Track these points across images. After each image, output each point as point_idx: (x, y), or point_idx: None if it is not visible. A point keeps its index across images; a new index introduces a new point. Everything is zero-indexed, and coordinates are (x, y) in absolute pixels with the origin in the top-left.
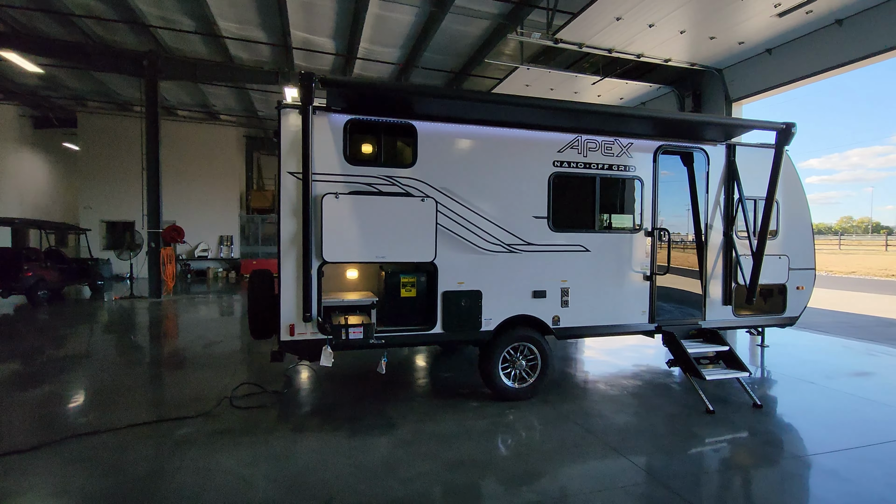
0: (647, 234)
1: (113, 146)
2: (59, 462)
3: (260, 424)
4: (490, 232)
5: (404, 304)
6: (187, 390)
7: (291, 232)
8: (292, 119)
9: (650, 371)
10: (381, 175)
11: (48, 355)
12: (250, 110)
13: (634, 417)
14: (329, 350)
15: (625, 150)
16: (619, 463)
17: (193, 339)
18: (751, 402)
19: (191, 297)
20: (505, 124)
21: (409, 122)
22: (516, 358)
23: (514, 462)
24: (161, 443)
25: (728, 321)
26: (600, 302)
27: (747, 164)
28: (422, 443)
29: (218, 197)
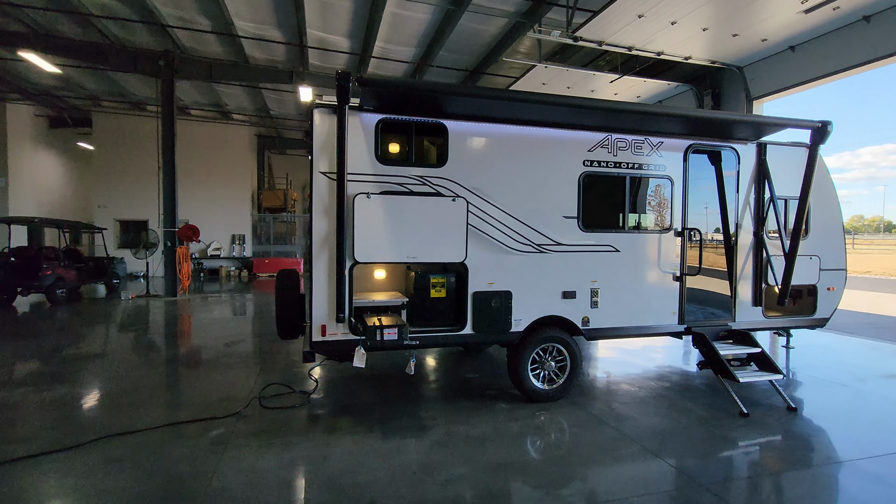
0: (676, 234)
1: (127, 145)
2: (99, 462)
3: (291, 425)
4: (520, 232)
5: (434, 305)
6: (214, 390)
7: (323, 232)
8: (325, 119)
9: (675, 372)
10: (412, 175)
11: (74, 354)
12: (263, 110)
13: (667, 420)
14: (362, 351)
15: (655, 149)
16: (658, 466)
17: (214, 338)
18: (784, 404)
19: (206, 295)
20: (536, 123)
21: (439, 121)
22: (545, 359)
23: (552, 466)
24: (196, 444)
25: (758, 322)
26: (630, 303)
27: (777, 162)
28: (456, 445)
29: (230, 196)
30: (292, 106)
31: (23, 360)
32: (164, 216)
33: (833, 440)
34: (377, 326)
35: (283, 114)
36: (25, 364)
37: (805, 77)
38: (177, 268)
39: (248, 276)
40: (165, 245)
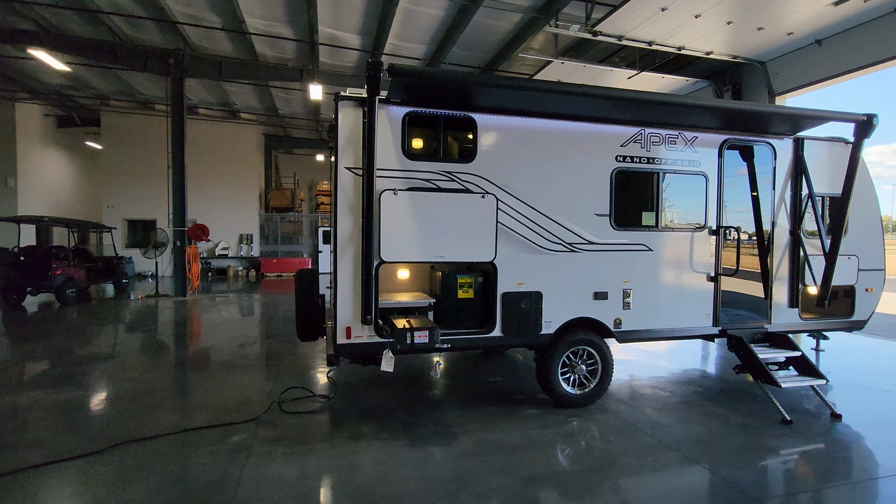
0: (711, 233)
1: (135, 145)
2: (117, 470)
3: (314, 431)
4: (551, 230)
5: (462, 306)
6: (231, 393)
7: (348, 230)
8: (350, 112)
9: (701, 375)
10: (439, 170)
11: (86, 356)
12: (271, 109)
13: (704, 427)
14: (391, 355)
15: (689, 144)
16: (704, 477)
17: (226, 339)
18: (827, 411)
19: (215, 295)
20: (567, 117)
21: (468, 114)
22: (576, 363)
23: (592, 477)
24: (216, 450)
25: (794, 325)
26: (663, 304)
27: (812, 158)
28: (488, 454)
29: (237, 195)
30: (300, 104)
31: (34, 362)
32: (173, 215)
33: (887, 450)
34: (407, 329)
35: (291, 112)
36: (37, 365)
37: (831, 72)
38: (186, 267)
39: (255, 276)
40: (175, 244)
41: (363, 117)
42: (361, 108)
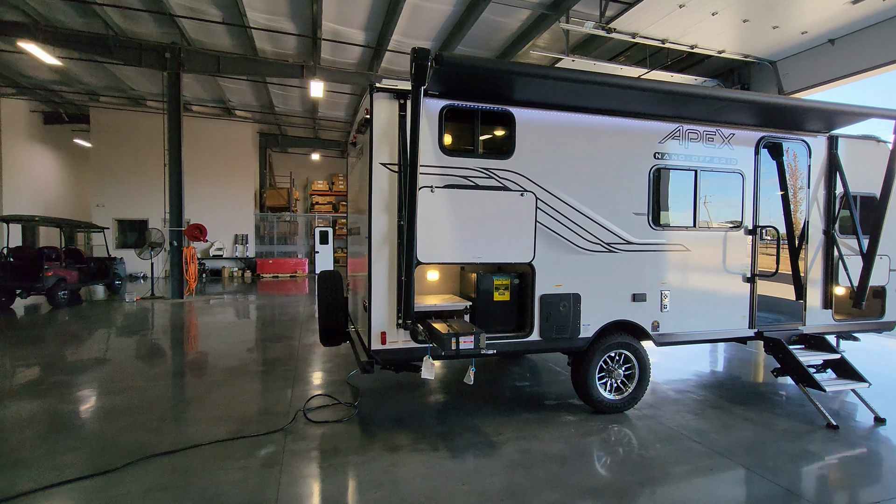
0: (747, 233)
1: (126, 142)
2: (140, 490)
3: (346, 442)
4: (589, 230)
5: (498, 309)
6: (249, 402)
7: (384, 230)
8: (385, 105)
9: (731, 378)
10: (477, 167)
11: (86, 363)
12: (267, 106)
13: (751, 433)
14: (431, 361)
15: (726, 142)
16: (767, 488)
17: (232, 343)
18: (871, 415)
19: (212, 297)
20: (607, 112)
21: (506, 108)
22: (613, 367)
23: (654, 489)
24: (246, 465)
25: (828, 326)
26: (700, 305)
27: (845, 156)
28: (536, 465)
29: (232, 195)
30: (297, 102)
31: (31, 370)
32: (170, 215)
33: None
34: (452, 333)
35: (288, 110)
36: (34, 374)
37: (843, 72)
38: (184, 268)
39: (251, 277)
40: (171, 245)
41: (399, 110)
42: (397, 101)
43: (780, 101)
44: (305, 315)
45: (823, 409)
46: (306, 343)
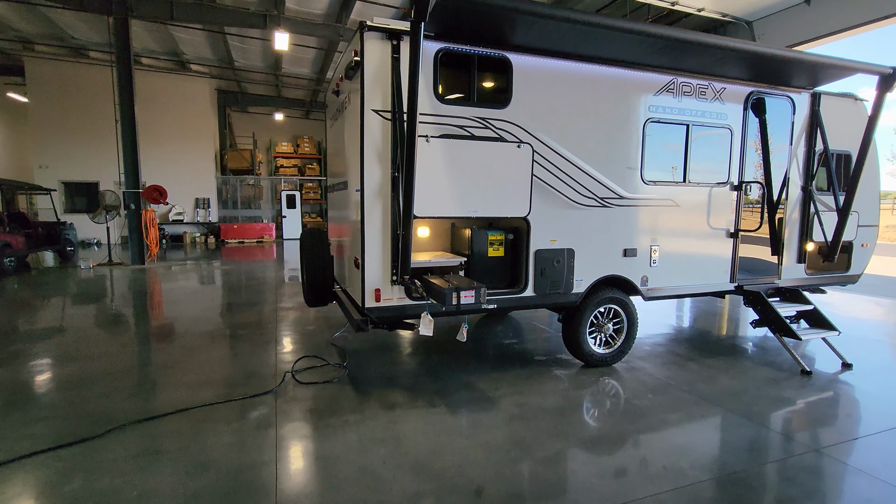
0: (733, 189)
1: (69, 97)
2: (128, 456)
3: (341, 402)
4: (585, 184)
5: (492, 265)
6: (232, 365)
7: (377, 182)
8: (378, 46)
9: (704, 331)
10: (473, 116)
11: (54, 333)
12: (225, 60)
13: (735, 381)
14: (430, 317)
15: (717, 96)
16: (760, 433)
17: (205, 308)
18: (839, 361)
19: (175, 263)
20: (604, 61)
21: (503, 54)
22: (603, 322)
23: (653, 437)
24: (239, 428)
25: (801, 280)
26: (687, 261)
27: (825, 114)
28: (536, 418)
29: (191, 156)
30: (258, 56)
31: None
32: (125, 176)
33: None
34: (453, 288)
35: (248, 65)
36: None
37: (819, 32)
38: (144, 233)
39: (215, 243)
40: (129, 208)
41: (392, 52)
42: (390, 42)
43: (779, 53)
44: (277, 280)
45: (798, 357)
46: (284, 307)
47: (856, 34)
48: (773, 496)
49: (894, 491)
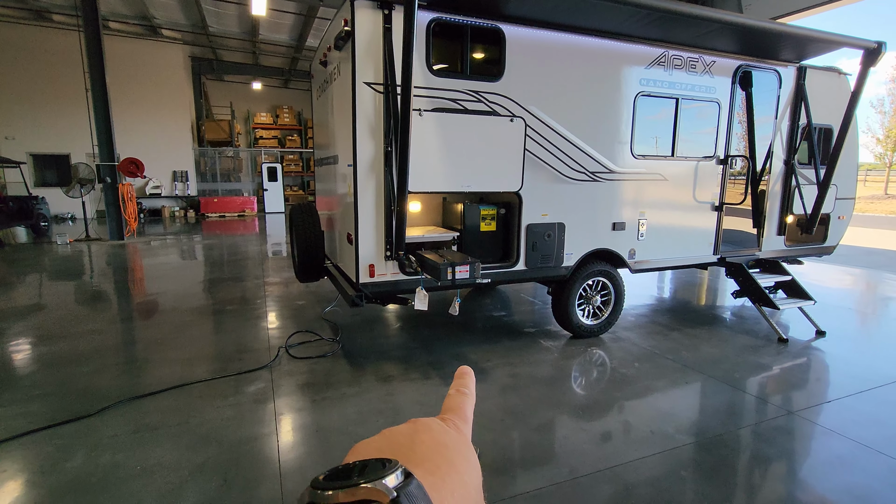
0: (719, 163)
1: (32, 64)
2: (127, 432)
3: (336, 376)
4: (576, 158)
5: (484, 240)
6: (226, 341)
7: (370, 156)
8: (369, 15)
9: (683, 302)
10: (466, 89)
11: (37, 310)
12: (199, 25)
13: (717, 349)
14: (424, 292)
15: (707, 69)
16: (740, 397)
17: (190, 284)
18: (814, 329)
19: (156, 238)
20: (596, 32)
21: (496, 24)
22: (591, 294)
23: (640, 403)
24: (237, 402)
25: (780, 251)
26: (673, 234)
27: (810, 88)
28: (528, 387)
29: (166, 127)
30: (234, 21)
31: None
32: (99, 148)
33: (874, 357)
34: (448, 263)
35: (223, 31)
36: None
37: (806, 3)
38: (122, 207)
39: (195, 217)
40: (105, 181)
41: (384, 22)
42: (381, 11)
43: (768, 26)
44: (262, 255)
45: (776, 326)
46: (271, 282)
47: (840, 6)
48: (751, 455)
49: (861, 448)
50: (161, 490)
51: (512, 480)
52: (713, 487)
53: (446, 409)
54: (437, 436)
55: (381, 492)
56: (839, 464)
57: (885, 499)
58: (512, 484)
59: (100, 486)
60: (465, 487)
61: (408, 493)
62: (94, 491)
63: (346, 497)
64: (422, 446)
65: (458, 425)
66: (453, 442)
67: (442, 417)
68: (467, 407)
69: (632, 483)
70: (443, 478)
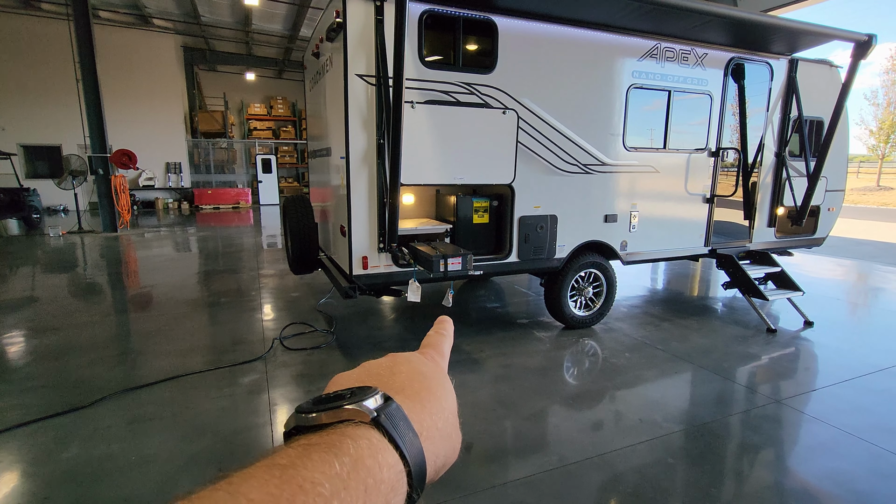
0: (710, 155)
1: (22, 54)
2: (121, 423)
3: (330, 366)
4: (568, 150)
5: (477, 232)
6: (220, 333)
7: (363, 149)
8: (360, 7)
9: (674, 294)
10: (458, 81)
11: (30, 302)
12: (190, 15)
13: (707, 339)
14: (417, 284)
15: (699, 62)
16: (728, 387)
17: (186, 276)
18: (802, 319)
19: (149, 230)
20: (588, 25)
21: (488, 16)
22: (583, 285)
23: (630, 393)
24: (232, 393)
25: (771, 243)
26: (665, 225)
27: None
28: (520, 378)
29: (159, 118)
30: (226, 11)
31: None
32: (91, 139)
33: (860, 347)
34: (440, 255)
35: (216, 20)
36: None
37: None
38: (115, 199)
39: (189, 209)
40: (97, 173)
41: (376, 14)
42: (374, 3)
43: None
44: (256, 247)
45: (765, 316)
46: (265, 273)
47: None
48: (738, 443)
49: (845, 435)
50: (155, 480)
51: (503, 468)
52: (699, 474)
53: (425, 345)
54: (416, 366)
55: (361, 412)
56: (822, 450)
57: (865, 483)
58: (503, 471)
59: (95, 476)
60: (443, 412)
61: (387, 413)
62: (89, 481)
63: (330, 418)
64: (400, 376)
65: (434, 358)
66: (431, 371)
67: (420, 351)
68: (444, 345)
69: (620, 470)
70: (421, 402)
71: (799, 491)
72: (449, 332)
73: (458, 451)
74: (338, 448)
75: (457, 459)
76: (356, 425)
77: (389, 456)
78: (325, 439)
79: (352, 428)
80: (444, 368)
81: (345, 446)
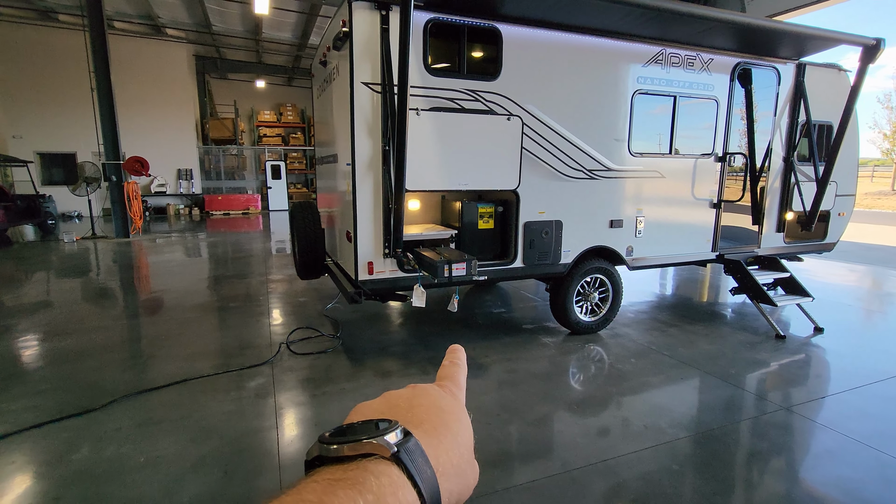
0: (717, 160)
1: (39, 64)
2: (131, 426)
3: (336, 371)
4: (573, 156)
5: (482, 237)
6: (228, 338)
7: (368, 155)
8: (366, 16)
9: (682, 299)
10: (463, 88)
11: (44, 307)
12: (202, 24)
13: (714, 346)
14: (422, 289)
15: (705, 67)
16: (734, 393)
17: (196, 281)
18: (811, 325)
19: (161, 236)
20: (593, 31)
21: (493, 24)
22: (589, 291)
23: (635, 399)
24: (239, 397)
25: (780, 248)
26: (671, 231)
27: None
28: (525, 383)
29: (170, 126)
30: (237, 20)
31: None
32: (104, 147)
33: (870, 354)
34: (445, 261)
35: (227, 30)
36: None
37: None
38: (127, 206)
39: (200, 215)
40: (110, 180)
41: (381, 23)
42: (379, 12)
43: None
44: (265, 252)
45: (774, 322)
46: (274, 279)
47: (842, 1)
48: (745, 450)
49: (853, 443)
50: (163, 481)
51: (506, 473)
52: (704, 481)
53: (441, 377)
54: (435, 400)
55: (382, 447)
56: (829, 457)
57: (872, 490)
58: (506, 476)
59: (105, 477)
60: (459, 447)
61: (407, 449)
62: (99, 482)
63: (351, 451)
64: (420, 409)
65: (453, 391)
66: (449, 405)
67: (438, 384)
68: (460, 376)
69: (624, 476)
70: (438, 437)
71: (805, 498)
72: (462, 362)
73: (471, 489)
74: (361, 485)
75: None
76: (377, 461)
77: (409, 493)
78: (349, 475)
79: (373, 464)
80: (462, 400)
81: (368, 483)
